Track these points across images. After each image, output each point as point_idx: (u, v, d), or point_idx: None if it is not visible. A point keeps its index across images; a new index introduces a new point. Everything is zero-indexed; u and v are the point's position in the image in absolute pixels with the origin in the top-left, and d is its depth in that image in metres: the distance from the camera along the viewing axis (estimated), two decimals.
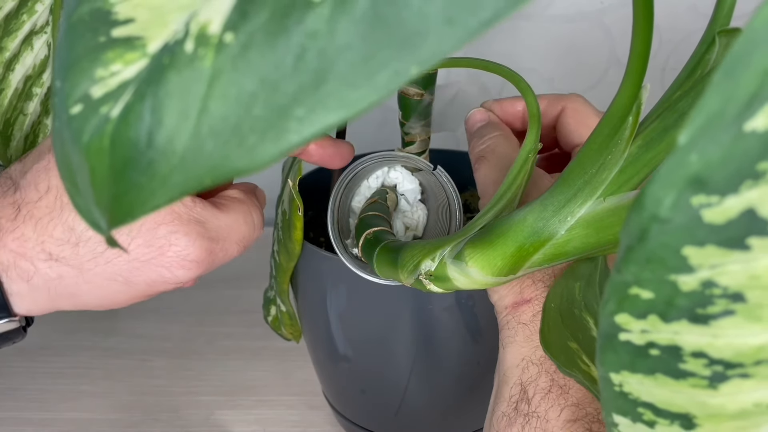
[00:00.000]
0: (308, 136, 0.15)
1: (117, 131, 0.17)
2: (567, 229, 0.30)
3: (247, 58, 0.15)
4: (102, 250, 0.32)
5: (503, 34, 0.68)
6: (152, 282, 0.33)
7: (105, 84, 0.17)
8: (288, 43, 0.15)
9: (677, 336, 0.17)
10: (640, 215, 0.15)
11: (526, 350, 0.35)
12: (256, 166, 0.15)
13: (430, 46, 0.14)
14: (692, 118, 0.14)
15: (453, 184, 0.42)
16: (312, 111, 0.15)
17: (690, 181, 0.14)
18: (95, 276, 0.32)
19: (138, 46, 0.17)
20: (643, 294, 0.16)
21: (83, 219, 0.18)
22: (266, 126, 0.15)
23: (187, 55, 0.16)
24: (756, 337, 0.16)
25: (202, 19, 0.16)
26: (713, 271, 0.15)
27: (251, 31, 0.15)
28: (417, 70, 0.14)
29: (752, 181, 0.14)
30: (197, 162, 0.16)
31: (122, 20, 0.17)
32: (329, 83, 0.14)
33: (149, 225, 0.32)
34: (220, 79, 0.16)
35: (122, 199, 0.17)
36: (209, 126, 0.16)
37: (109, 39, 0.18)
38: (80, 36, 0.18)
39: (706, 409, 0.18)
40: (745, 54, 0.13)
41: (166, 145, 0.16)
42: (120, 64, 0.17)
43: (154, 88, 0.16)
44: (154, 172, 0.16)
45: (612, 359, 0.18)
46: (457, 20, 0.13)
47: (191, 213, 0.33)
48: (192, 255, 0.33)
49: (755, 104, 0.13)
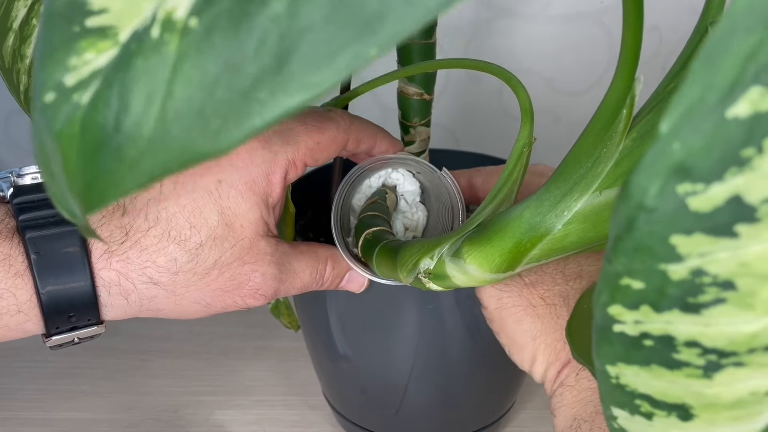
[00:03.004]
0: (271, 119, 0.15)
1: (86, 117, 0.17)
2: (564, 223, 0.30)
3: (210, 42, 0.15)
4: (196, 281, 0.35)
5: (503, 34, 0.68)
6: (227, 306, 0.37)
7: (78, 72, 0.18)
8: (250, 26, 0.15)
9: (670, 326, 0.17)
10: (627, 204, 0.15)
11: (576, 410, 0.36)
12: (221, 150, 0.15)
13: (390, 27, 0.14)
14: (674, 106, 0.14)
15: (457, 186, 0.42)
16: (273, 94, 0.15)
17: (674, 169, 0.14)
18: (184, 299, 0.35)
19: (110, 35, 0.17)
20: (634, 284, 0.16)
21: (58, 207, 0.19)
22: (229, 109, 0.15)
23: (154, 40, 0.16)
24: (748, 324, 0.16)
25: (169, 6, 0.16)
26: (702, 259, 0.15)
27: (215, 14, 0.15)
28: (377, 52, 0.14)
29: (737, 167, 0.14)
30: (164, 146, 0.16)
31: (96, 10, 0.18)
32: (291, 66, 0.15)
33: (238, 263, 0.35)
34: (184, 63, 0.16)
35: (94, 184, 0.17)
36: (174, 110, 0.16)
37: (83, 29, 0.18)
38: (56, 26, 0.18)
39: (702, 399, 0.18)
40: (725, 40, 0.13)
41: (133, 129, 0.16)
42: (93, 53, 0.18)
43: (121, 75, 0.17)
44: (123, 157, 0.17)
45: (607, 351, 0.18)
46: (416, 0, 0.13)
47: (272, 256, 0.36)
48: (262, 290, 0.37)
49: (737, 91, 0.13)
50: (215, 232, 0.34)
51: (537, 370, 0.38)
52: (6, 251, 0.32)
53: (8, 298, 0.32)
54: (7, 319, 0.33)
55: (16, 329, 0.33)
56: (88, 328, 0.35)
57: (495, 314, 0.38)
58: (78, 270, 0.33)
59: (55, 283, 0.33)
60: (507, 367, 0.49)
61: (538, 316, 0.37)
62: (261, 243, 0.36)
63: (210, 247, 0.34)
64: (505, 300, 0.38)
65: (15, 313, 0.33)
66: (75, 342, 0.36)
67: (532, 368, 0.38)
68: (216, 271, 0.35)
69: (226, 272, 0.35)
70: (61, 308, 0.33)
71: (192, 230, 0.34)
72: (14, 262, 0.32)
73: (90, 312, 0.34)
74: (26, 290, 0.33)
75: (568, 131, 0.72)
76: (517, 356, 0.39)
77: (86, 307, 0.34)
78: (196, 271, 0.35)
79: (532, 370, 0.38)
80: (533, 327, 0.37)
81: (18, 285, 0.32)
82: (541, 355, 0.37)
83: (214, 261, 0.35)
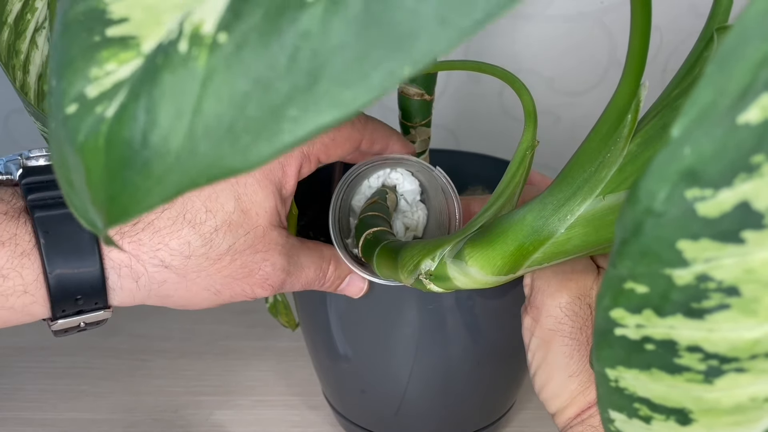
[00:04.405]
0: (302, 136, 0.15)
1: (112, 131, 0.17)
2: (567, 227, 0.30)
3: (240, 58, 0.15)
4: (207, 266, 0.35)
5: (503, 34, 0.68)
6: (235, 295, 0.36)
7: (100, 84, 0.18)
8: (281, 43, 0.15)
9: (672, 330, 0.17)
10: (635, 209, 0.15)
11: None
12: (250, 166, 0.15)
13: (423, 46, 0.14)
14: (685, 111, 0.14)
15: (452, 185, 0.42)
16: (305, 111, 0.15)
17: (684, 174, 0.14)
18: (194, 285, 0.35)
19: (132, 45, 0.17)
20: (638, 288, 0.16)
21: (79, 218, 0.19)
22: (260, 126, 0.15)
23: (181, 55, 0.16)
24: (751, 331, 0.16)
25: (195, 19, 0.16)
26: (708, 264, 0.15)
27: (245, 30, 0.15)
28: (410, 71, 0.14)
29: (746, 174, 0.14)
30: (192, 162, 0.16)
31: (116, 19, 0.18)
32: (322, 83, 0.14)
33: (250, 251, 0.35)
34: (213, 79, 0.16)
35: (118, 198, 0.17)
36: (203, 126, 0.16)
37: (104, 38, 0.18)
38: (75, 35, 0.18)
39: (701, 404, 0.18)
40: (738, 46, 0.13)
41: (160, 144, 0.16)
42: (114, 64, 0.17)
43: (148, 88, 0.17)
44: (150, 172, 0.16)
45: (607, 355, 0.18)
46: (450, 20, 0.13)
47: (283, 247, 0.36)
48: (271, 280, 0.37)
49: (748, 97, 0.13)
50: (231, 218, 0.34)
51: (555, 403, 0.37)
52: (12, 230, 0.32)
53: (14, 278, 0.32)
54: (13, 300, 0.32)
55: (21, 311, 0.33)
56: (94, 312, 0.34)
57: (547, 335, 0.36)
58: (87, 251, 0.33)
59: (63, 263, 0.32)
60: (507, 367, 0.49)
61: (588, 355, 0.36)
62: (273, 233, 0.36)
63: (225, 232, 0.34)
64: (566, 327, 0.36)
65: (21, 294, 0.32)
66: (81, 328, 0.35)
67: (551, 400, 0.37)
68: (228, 258, 0.35)
69: (238, 259, 0.35)
70: (69, 289, 0.33)
71: (207, 214, 0.34)
72: (20, 242, 0.32)
73: (97, 294, 0.34)
74: (33, 270, 0.32)
75: (569, 131, 0.72)
76: (540, 381, 0.37)
77: (94, 289, 0.33)
78: (209, 256, 0.34)
79: (550, 401, 0.37)
80: (577, 365, 0.36)
81: (24, 264, 0.32)
82: (568, 392, 0.36)
83: (228, 247, 0.34)
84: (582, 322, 0.36)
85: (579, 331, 0.36)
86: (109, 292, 0.34)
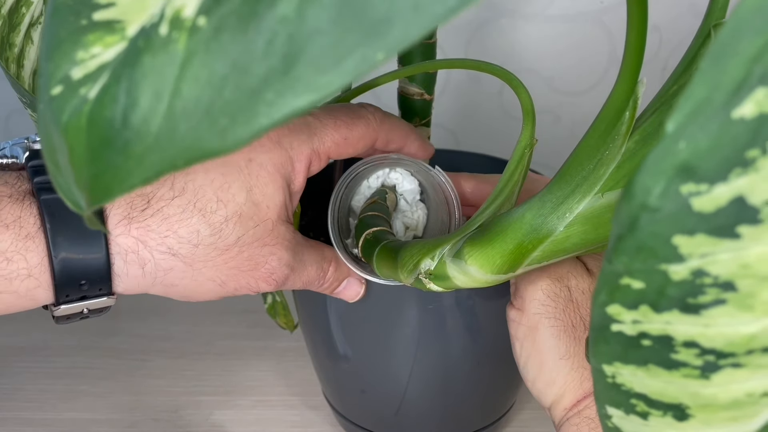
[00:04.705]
0: (278, 119, 0.15)
1: (94, 111, 0.17)
2: (565, 225, 0.30)
3: (219, 42, 0.15)
4: (215, 256, 0.34)
5: (503, 34, 0.68)
6: (239, 287, 0.36)
7: (85, 66, 0.18)
8: (259, 27, 0.15)
9: (669, 326, 0.17)
10: (630, 204, 0.15)
11: None
12: (228, 148, 0.16)
13: (397, 32, 0.14)
14: (680, 106, 0.14)
15: (451, 184, 0.42)
16: (281, 95, 0.15)
17: (679, 169, 0.14)
18: (200, 275, 0.35)
19: (118, 29, 0.18)
20: (634, 284, 0.16)
21: (64, 198, 0.19)
22: (237, 109, 0.15)
23: (162, 38, 0.16)
24: (747, 326, 0.16)
25: (177, 4, 0.16)
26: (704, 260, 0.15)
27: (224, 15, 0.15)
28: (384, 56, 0.14)
29: (741, 168, 0.14)
30: (171, 142, 0.16)
31: (104, 4, 0.18)
32: (298, 67, 0.15)
33: (258, 244, 0.35)
34: (192, 61, 0.16)
35: (100, 178, 0.17)
36: (182, 107, 0.16)
37: (91, 22, 0.18)
38: (64, 19, 0.18)
39: (698, 399, 0.18)
40: (732, 41, 0.13)
41: (140, 125, 0.16)
42: (100, 47, 0.18)
43: (129, 70, 0.17)
44: (130, 152, 0.17)
45: (604, 351, 0.18)
46: (423, 6, 0.14)
47: (290, 243, 0.36)
48: (276, 275, 0.36)
49: (743, 91, 0.13)
50: (242, 209, 0.34)
51: (551, 392, 0.37)
52: (16, 213, 0.32)
53: (18, 261, 0.31)
54: (17, 284, 0.32)
55: (25, 296, 0.32)
56: (98, 298, 0.34)
57: (533, 320, 0.37)
58: (93, 235, 0.32)
59: (69, 247, 0.32)
60: (507, 367, 0.49)
61: (575, 337, 0.36)
62: (281, 227, 0.36)
63: (235, 223, 0.34)
64: (549, 309, 0.36)
65: (25, 278, 0.32)
66: (83, 315, 0.35)
67: (546, 389, 0.37)
68: (236, 249, 0.35)
69: (245, 251, 0.35)
70: (73, 274, 0.32)
71: (219, 204, 0.34)
72: (25, 224, 0.32)
73: (102, 280, 0.33)
74: (37, 253, 0.32)
75: (569, 131, 0.72)
76: (533, 370, 0.37)
77: (99, 275, 0.33)
78: (217, 246, 0.34)
79: (545, 390, 0.37)
80: (566, 346, 0.36)
81: (29, 247, 0.32)
82: (562, 378, 0.36)
83: (237, 238, 0.34)
84: (564, 304, 0.36)
85: (562, 312, 0.36)
86: (114, 279, 0.34)
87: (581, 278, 0.37)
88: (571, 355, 0.36)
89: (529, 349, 0.37)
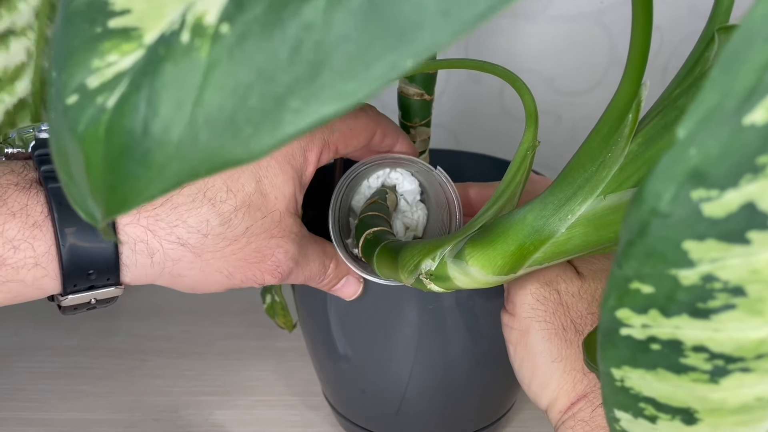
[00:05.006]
0: (303, 127, 0.15)
1: (112, 121, 0.17)
2: (567, 227, 0.31)
3: (243, 49, 0.15)
4: (223, 246, 0.34)
5: (504, 34, 0.68)
6: (246, 279, 0.36)
7: (101, 74, 0.18)
8: (284, 34, 0.15)
9: (678, 330, 0.17)
10: (640, 209, 0.15)
11: None
12: (252, 157, 0.15)
13: (426, 39, 0.14)
14: (691, 112, 0.14)
15: (452, 184, 0.42)
16: (307, 102, 0.15)
17: (690, 174, 0.14)
18: (208, 265, 0.34)
19: (134, 36, 0.17)
20: (644, 289, 0.17)
21: (78, 210, 0.18)
22: (262, 117, 0.15)
23: (184, 46, 0.16)
24: (757, 331, 0.16)
25: (198, 10, 0.16)
26: (714, 265, 0.15)
27: (247, 22, 0.15)
28: (413, 63, 0.14)
29: (752, 174, 0.14)
30: (193, 152, 0.16)
31: (119, 11, 0.18)
32: (325, 75, 0.15)
33: (266, 235, 0.35)
34: (215, 69, 0.16)
35: (117, 189, 0.17)
36: (205, 116, 0.16)
37: (106, 30, 0.18)
38: (77, 27, 0.18)
39: (707, 404, 0.18)
40: (743, 48, 0.13)
41: (161, 134, 0.16)
42: (116, 55, 0.17)
43: (150, 79, 0.17)
44: (150, 162, 0.16)
45: (613, 354, 0.18)
46: (452, 13, 0.13)
47: (297, 236, 0.36)
48: (281, 268, 0.36)
49: (754, 98, 0.13)
50: (251, 200, 0.34)
51: (545, 395, 0.37)
52: (23, 201, 0.32)
53: (25, 250, 0.31)
54: (24, 273, 0.31)
55: (32, 285, 0.32)
56: (106, 288, 0.34)
57: (524, 324, 0.37)
58: None
59: (76, 235, 0.32)
60: (507, 367, 0.49)
61: (566, 340, 0.36)
62: (289, 220, 0.36)
63: (244, 213, 0.34)
64: (539, 312, 0.37)
65: (32, 267, 0.31)
66: (90, 305, 0.35)
67: (541, 392, 0.37)
68: (245, 240, 0.35)
69: (253, 242, 0.35)
70: (81, 263, 0.32)
71: (228, 193, 0.34)
72: (32, 212, 0.31)
73: (110, 270, 0.33)
74: (44, 241, 0.31)
75: (569, 131, 0.72)
76: (527, 374, 0.37)
77: (107, 264, 0.33)
78: (226, 236, 0.34)
79: (540, 393, 0.37)
80: (557, 349, 0.36)
81: (36, 236, 0.31)
82: (555, 381, 0.36)
83: (245, 229, 0.34)
84: (554, 307, 0.37)
85: (552, 315, 0.36)
86: (122, 268, 0.33)
87: (571, 282, 0.37)
88: (562, 358, 0.36)
89: (522, 353, 0.37)
